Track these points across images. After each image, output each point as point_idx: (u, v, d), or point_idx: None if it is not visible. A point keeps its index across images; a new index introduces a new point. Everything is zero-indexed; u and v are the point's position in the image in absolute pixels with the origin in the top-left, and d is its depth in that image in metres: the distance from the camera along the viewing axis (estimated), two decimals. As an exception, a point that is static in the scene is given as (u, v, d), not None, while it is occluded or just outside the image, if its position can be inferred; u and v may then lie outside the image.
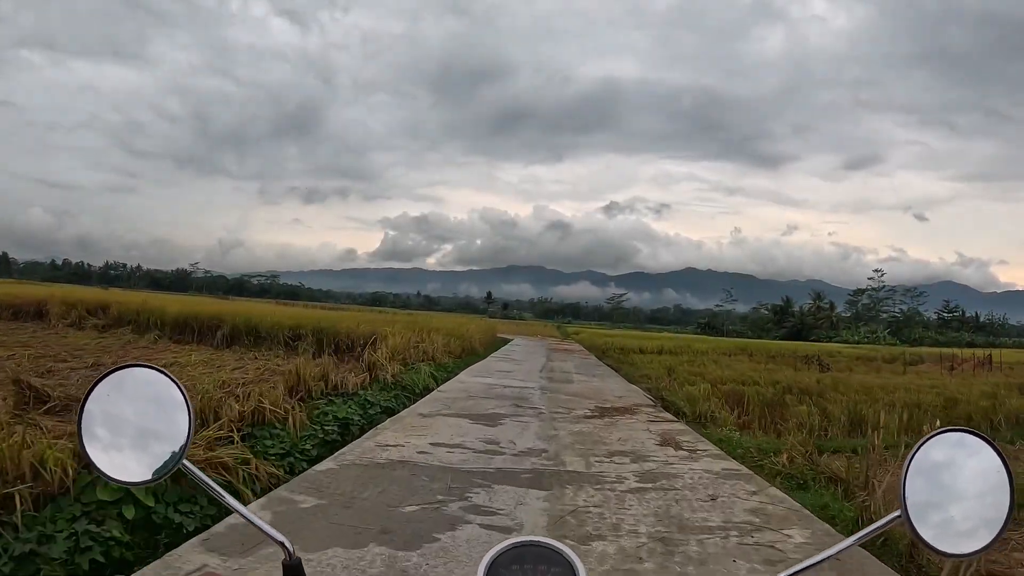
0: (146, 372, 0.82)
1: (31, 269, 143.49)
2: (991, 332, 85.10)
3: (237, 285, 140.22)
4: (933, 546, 0.72)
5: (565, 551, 0.72)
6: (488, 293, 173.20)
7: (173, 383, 0.81)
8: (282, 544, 0.77)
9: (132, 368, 0.83)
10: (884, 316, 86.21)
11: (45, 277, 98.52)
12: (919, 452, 0.75)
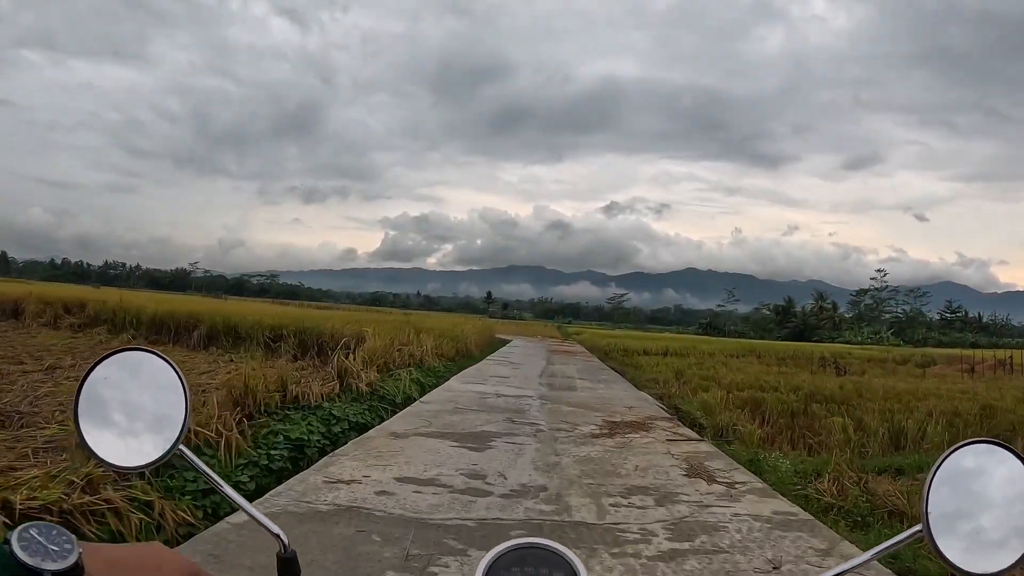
0: (143, 356, 0.78)
1: (30, 268, 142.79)
2: (994, 333, 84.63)
3: (237, 285, 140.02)
4: (953, 563, 0.66)
5: (567, 554, 0.65)
6: (488, 293, 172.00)
7: (170, 366, 0.77)
8: (278, 536, 0.73)
9: (129, 352, 0.78)
10: (887, 316, 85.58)
11: (44, 276, 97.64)
12: (943, 465, 0.68)
